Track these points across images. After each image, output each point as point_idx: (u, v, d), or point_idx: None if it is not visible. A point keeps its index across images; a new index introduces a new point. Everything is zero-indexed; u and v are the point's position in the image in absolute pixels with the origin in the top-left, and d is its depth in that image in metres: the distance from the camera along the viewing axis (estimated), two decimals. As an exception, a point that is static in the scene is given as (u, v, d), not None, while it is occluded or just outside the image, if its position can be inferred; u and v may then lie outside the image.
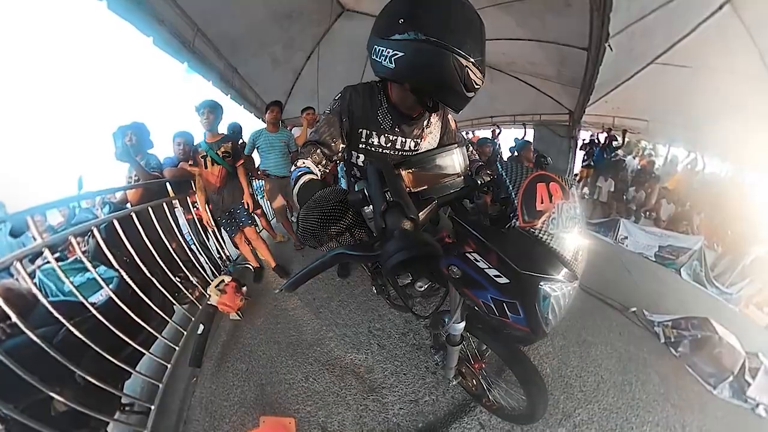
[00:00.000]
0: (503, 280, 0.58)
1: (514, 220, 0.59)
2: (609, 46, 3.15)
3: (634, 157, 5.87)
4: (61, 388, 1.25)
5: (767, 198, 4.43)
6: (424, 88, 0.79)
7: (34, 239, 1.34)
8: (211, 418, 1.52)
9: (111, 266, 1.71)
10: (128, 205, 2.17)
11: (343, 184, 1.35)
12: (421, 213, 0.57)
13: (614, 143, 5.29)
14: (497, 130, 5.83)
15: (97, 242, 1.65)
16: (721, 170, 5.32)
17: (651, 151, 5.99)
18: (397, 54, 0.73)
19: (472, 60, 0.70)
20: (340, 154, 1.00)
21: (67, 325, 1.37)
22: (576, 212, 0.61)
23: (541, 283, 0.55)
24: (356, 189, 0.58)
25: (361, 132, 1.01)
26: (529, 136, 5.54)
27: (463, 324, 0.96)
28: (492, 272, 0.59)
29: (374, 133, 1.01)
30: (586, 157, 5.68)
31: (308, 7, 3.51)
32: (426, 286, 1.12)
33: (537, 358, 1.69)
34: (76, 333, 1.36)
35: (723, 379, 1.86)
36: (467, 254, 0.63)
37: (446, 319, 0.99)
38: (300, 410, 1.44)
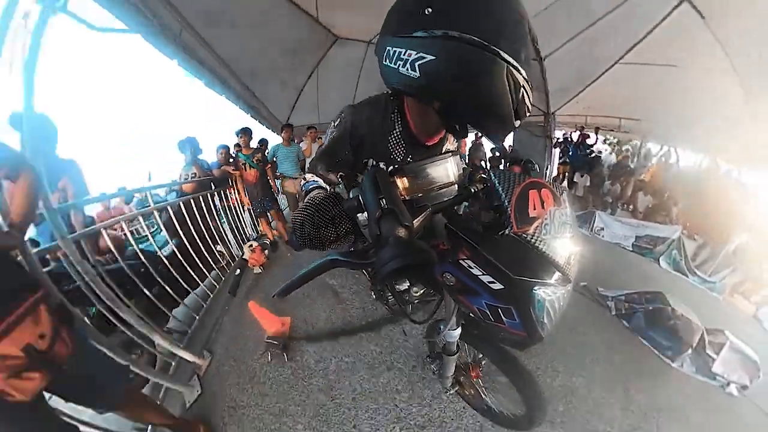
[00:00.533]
0: (497, 285, 0.56)
1: (507, 227, 0.57)
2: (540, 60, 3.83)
3: (610, 153, 6.16)
4: (137, 298, 1.81)
5: (744, 187, 4.48)
6: (460, 110, 0.60)
7: (147, 207, 2.28)
8: (236, 326, 2.21)
9: (176, 232, 2.61)
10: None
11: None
12: (415, 220, 0.55)
13: (588, 141, 5.52)
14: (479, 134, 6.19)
15: (169, 215, 2.57)
16: (695, 162, 5.33)
17: (630, 147, 6.23)
18: (424, 57, 0.53)
19: (526, 76, 0.54)
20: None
21: (162, 252, 2.15)
22: (568, 218, 0.58)
23: (535, 288, 0.53)
24: (351, 196, 0.57)
25: (366, 162, 0.87)
26: (509, 139, 6.04)
27: (458, 331, 0.92)
28: (486, 278, 0.58)
29: (381, 164, 0.85)
30: (561, 155, 5.91)
31: (307, 39, 4.16)
32: (421, 291, 1.11)
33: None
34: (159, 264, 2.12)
35: (681, 352, 1.82)
36: (461, 261, 0.61)
37: (442, 327, 0.95)
38: (295, 313, 2.20)
